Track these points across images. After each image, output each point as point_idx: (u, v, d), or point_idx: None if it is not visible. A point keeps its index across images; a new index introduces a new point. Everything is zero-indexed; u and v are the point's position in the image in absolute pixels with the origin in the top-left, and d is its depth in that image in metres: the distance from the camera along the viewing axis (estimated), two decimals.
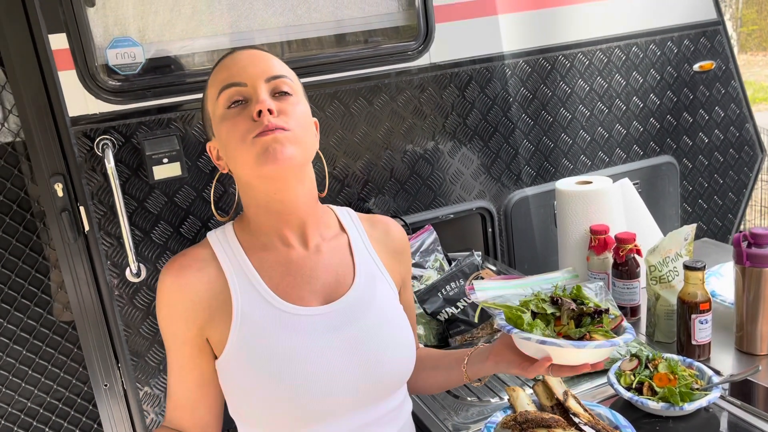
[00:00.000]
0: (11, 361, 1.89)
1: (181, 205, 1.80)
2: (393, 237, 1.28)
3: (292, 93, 1.09)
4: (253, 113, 1.04)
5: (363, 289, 1.17)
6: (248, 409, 1.11)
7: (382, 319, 1.16)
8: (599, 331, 1.08)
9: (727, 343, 1.55)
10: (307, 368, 1.07)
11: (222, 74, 1.10)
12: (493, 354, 1.16)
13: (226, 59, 1.12)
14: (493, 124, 2.15)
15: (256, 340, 1.08)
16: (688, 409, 1.27)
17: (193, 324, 1.10)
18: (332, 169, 1.95)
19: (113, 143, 1.70)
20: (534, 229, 2.27)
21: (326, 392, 1.08)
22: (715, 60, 2.46)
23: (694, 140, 2.51)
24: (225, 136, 1.08)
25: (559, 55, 2.21)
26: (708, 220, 2.63)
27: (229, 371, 1.11)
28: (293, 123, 1.06)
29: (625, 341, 1.08)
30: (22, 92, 1.59)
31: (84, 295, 1.73)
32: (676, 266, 1.60)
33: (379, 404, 1.16)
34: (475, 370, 1.20)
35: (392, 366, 1.15)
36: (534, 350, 1.08)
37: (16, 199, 1.82)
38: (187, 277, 1.10)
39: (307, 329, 1.10)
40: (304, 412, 1.08)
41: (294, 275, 1.14)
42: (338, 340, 1.11)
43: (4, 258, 1.81)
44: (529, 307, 1.12)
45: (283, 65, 1.13)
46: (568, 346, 1.04)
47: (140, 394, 1.85)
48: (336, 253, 1.19)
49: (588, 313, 1.11)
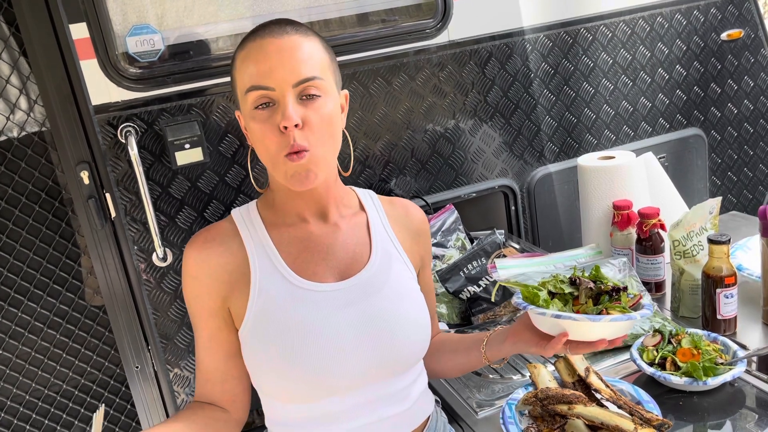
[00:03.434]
0: (46, 345, 1.94)
1: (204, 190, 1.82)
2: (412, 218, 1.29)
3: (320, 94, 1.08)
4: (279, 125, 1.05)
5: (378, 267, 1.19)
6: (265, 381, 1.14)
7: (396, 297, 1.17)
8: (617, 307, 1.08)
9: (755, 317, 1.53)
10: (319, 342, 1.10)
11: (250, 68, 1.08)
12: (512, 334, 1.16)
13: (254, 48, 1.08)
14: (514, 101, 2.13)
15: (270, 314, 1.11)
16: (712, 384, 1.26)
17: (217, 295, 1.14)
18: (353, 151, 1.95)
19: (136, 130, 1.72)
20: (558, 206, 2.25)
21: (338, 367, 1.10)
22: (744, 28, 2.40)
23: (723, 111, 2.45)
24: (253, 136, 1.11)
25: (581, 28, 2.17)
26: (738, 192, 2.57)
27: (247, 344, 1.14)
28: (316, 138, 1.07)
29: (642, 316, 1.07)
30: (46, 82, 1.62)
31: (113, 280, 1.77)
32: (701, 240, 1.58)
33: (392, 380, 1.18)
34: (494, 351, 1.20)
35: (405, 344, 1.16)
36: (549, 326, 1.08)
37: (45, 188, 1.86)
38: (209, 249, 1.14)
39: (320, 304, 1.12)
40: (317, 386, 1.10)
41: (311, 251, 1.17)
42: (351, 316, 1.13)
43: (35, 245, 1.86)
44: (547, 287, 1.12)
45: (312, 57, 1.09)
46: (584, 319, 1.04)
47: (170, 376, 1.89)
48: (354, 230, 1.21)
49: (606, 291, 1.11)
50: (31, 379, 1.98)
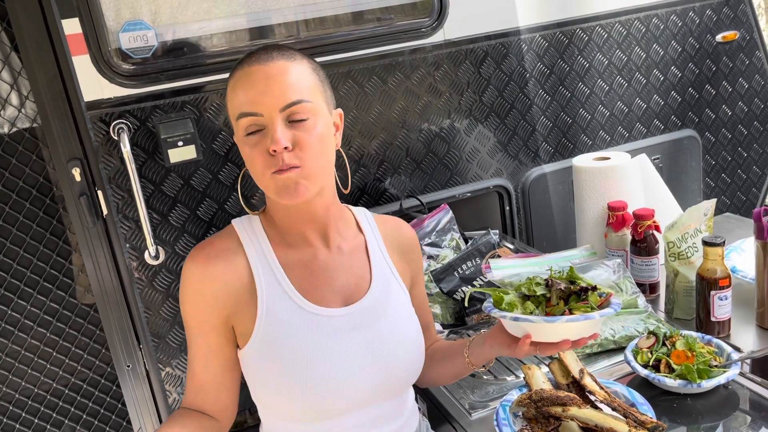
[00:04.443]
0: (36, 343, 1.93)
1: (197, 188, 1.81)
2: (403, 234, 1.31)
3: (308, 117, 1.08)
4: (269, 149, 1.06)
5: (380, 291, 1.21)
6: (268, 400, 1.16)
7: (396, 320, 1.20)
8: (581, 307, 1.09)
9: (748, 319, 1.53)
10: (327, 366, 1.11)
11: (239, 96, 1.09)
12: (489, 337, 1.19)
13: (242, 76, 1.09)
14: (509, 101, 2.12)
15: (280, 338, 1.11)
16: (706, 386, 1.25)
17: (221, 312, 1.13)
18: (347, 150, 1.94)
19: (129, 127, 1.71)
20: (552, 207, 2.25)
21: (344, 390, 1.12)
22: (739, 30, 2.40)
23: (717, 113, 2.46)
24: (245, 158, 1.12)
25: (577, 29, 2.17)
26: (731, 194, 2.58)
27: (251, 364, 1.14)
28: (307, 156, 1.08)
29: (602, 315, 1.07)
30: (38, 78, 1.60)
31: (104, 278, 1.76)
32: (696, 242, 1.58)
33: (387, 402, 1.20)
34: (476, 355, 1.23)
35: (405, 364, 1.19)
36: (514, 328, 1.11)
37: (36, 185, 1.84)
38: (215, 266, 1.12)
39: (329, 330, 1.14)
40: (321, 408, 1.12)
41: (316, 276, 1.17)
42: (358, 341, 1.15)
43: (26, 242, 1.84)
44: (521, 289, 1.14)
45: (300, 81, 1.09)
46: (540, 321, 1.06)
47: (162, 375, 1.88)
48: (355, 255, 1.23)
49: (575, 291, 1.12)
50: (21, 378, 1.97)
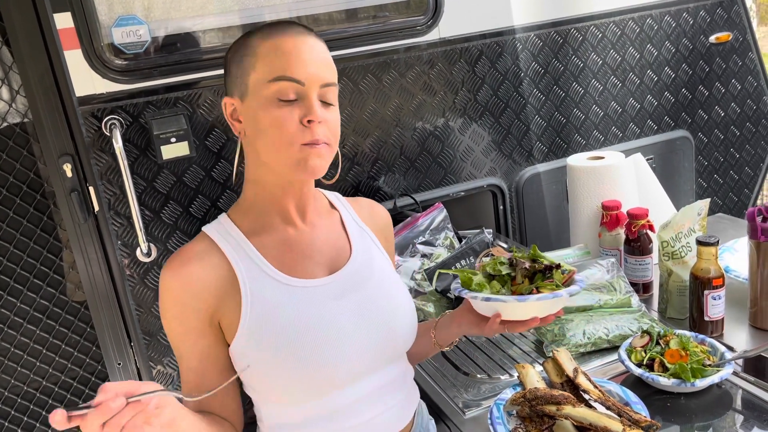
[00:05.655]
0: (26, 340, 1.91)
1: (189, 185, 1.80)
2: (378, 214, 1.33)
3: (334, 102, 1.13)
4: (303, 119, 1.07)
5: (362, 256, 1.22)
6: (265, 384, 1.13)
7: (385, 285, 1.21)
8: (548, 285, 1.13)
9: (741, 319, 1.53)
10: (320, 333, 1.10)
11: (280, 60, 1.07)
12: (457, 317, 1.24)
13: (286, 40, 1.09)
14: (504, 100, 2.12)
15: (268, 317, 1.10)
16: (700, 385, 1.25)
17: (205, 313, 1.11)
18: (341, 147, 1.93)
19: (121, 123, 1.69)
20: (546, 206, 2.25)
21: (339, 357, 1.11)
22: (732, 31, 2.41)
23: (710, 114, 2.47)
24: (266, 124, 1.08)
25: (572, 29, 2.17)
26: (724, 195, 2.59)
27: (243, 353, 1.12)
28: (333, 139, 1.12)
29: (570, 293, 1.12)
30: (29, 72, 1.58)
31: (95, 275, 1.74)
32: (689, 242, 1.58)
33: (388, 368, 1.20)
34: (443, 335, 1.27)
35: (399, 327, 1.19)
36: (484, 308, 1.15)
37: (26, 180, 1.82)
38: (189, 269, 1.10)
39: (316, 299, 1.14)
40: (319, 380, 1.10)
41: (295, 251, 1.17)
42: (346, 306, 1.15)
43: (16, 239, 1.82)
44: (485, 269, 1.18)
45: (333, 65, 1.14)
46: (511, 300, 1.10)
47: (153, 373, 1.86)
48: (331, 227, 1.24)
49: (539, 270, 1.15)
50: (10, 376, 1.94)
